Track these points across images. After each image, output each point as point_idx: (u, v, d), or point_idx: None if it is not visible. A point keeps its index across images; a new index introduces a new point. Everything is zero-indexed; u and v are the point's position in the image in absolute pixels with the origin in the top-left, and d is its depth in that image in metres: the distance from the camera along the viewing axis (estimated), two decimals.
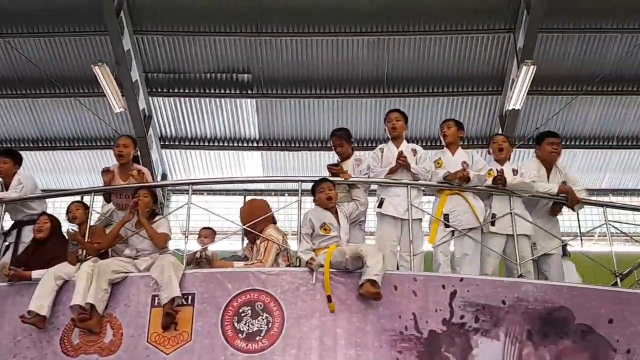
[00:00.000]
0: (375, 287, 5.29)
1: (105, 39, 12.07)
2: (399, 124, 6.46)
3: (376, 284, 5.30)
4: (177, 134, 14.15)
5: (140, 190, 6.04)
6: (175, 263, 5.62)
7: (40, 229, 6.08)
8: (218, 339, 5.34)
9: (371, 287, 5.29)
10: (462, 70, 12.73)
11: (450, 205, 6.16)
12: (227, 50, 12.50)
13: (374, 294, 5.30)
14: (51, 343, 5.53)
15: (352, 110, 13.30)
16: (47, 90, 13.22)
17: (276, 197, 14.88)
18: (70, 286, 5.63)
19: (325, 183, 5.95)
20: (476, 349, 5.32)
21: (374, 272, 5.31)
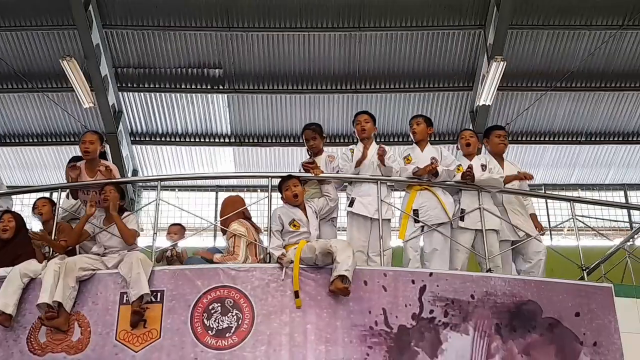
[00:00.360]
0: (344, 283, 5.29)
1: (73, 33, 11.91)
2: (368, 125, 6.49)
3: (346, 279, 5.30)
4: (147, 130, 14.01)
5: (107, 186, 5.98)
6: (144, 260, 5.57)
7: (5, 228, 5.96)
8: (188, 336, 5.30)
9: (340, 283, 5.29)
10: (432, 66, 12.80)
11: (419, 201, 6.20)
12: (198, 45, 12.41)
13: (343, 290, 5.31)
14: (17, 342, 5.44)
15: (323, 106, 13.31)
16: (14, 85, 13.01)
17: (249, 193, 14.84)
18: (37, 284, 5.54)
19: (291, 180, 5.95)
20: (445, 343, 5.37)
21: (344, 267, 5.31)
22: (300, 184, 5.95)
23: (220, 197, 15.00)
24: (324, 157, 6.53)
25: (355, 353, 5.24)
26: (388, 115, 13.33)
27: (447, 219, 6.15)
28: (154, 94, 13.31)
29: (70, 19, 11.61)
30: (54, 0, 11.42)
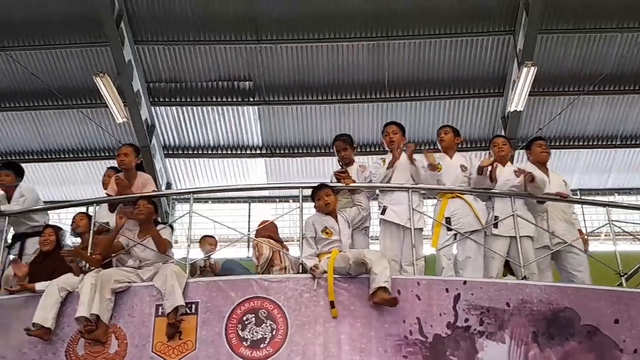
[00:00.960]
0: (388, 294, 5.28)
1: (106, 49, 12.09)
2: (397, 136, 6.50)
3: (387, 291, 5.29)
4: (180, 143, 14.16)
5: (140, 200, 6.06)
6: (178, 272, 5.63)
7: (45, 241, 6.11)
8: (223, 348, 5.35)
9: (385, 294, 5.28)
10: (462, 73, 12.72)
11: (452, 208, 6.18)
12: (228, 58, 12.52)
13: (390, 300, 5.29)
14: (57, 355, 5.54)
15: (353, 116, 13.30)
16: (49, 102, 13.24)
17: (280, 204, 14.91)
18: (74, 297, 5.65)
19: (323, 190, 5.97)
20: (481, 352, 5.32)
21: (382, 279, 5.31)
22: (332, 194, 5.96)
23: (252, 208, 15.11)
24: (355, 167, 6.54)
25: None
26: (418, 124, 13.27)
27: (479, 226, 6.12)
28: (185, 108, 13.44)
29: (102, 36, 11.80)
30: (87, 18, 11.61)
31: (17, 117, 13.53)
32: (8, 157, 13.78)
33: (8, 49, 12.20)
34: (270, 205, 15.20)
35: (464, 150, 6.67)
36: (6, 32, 12.00)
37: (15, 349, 5.65)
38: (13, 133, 13.81)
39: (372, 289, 5.33)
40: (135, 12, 11.85)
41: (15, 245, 6.66)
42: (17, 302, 5.87)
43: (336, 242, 5.79)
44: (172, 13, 11.78)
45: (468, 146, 13.25)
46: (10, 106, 13.30)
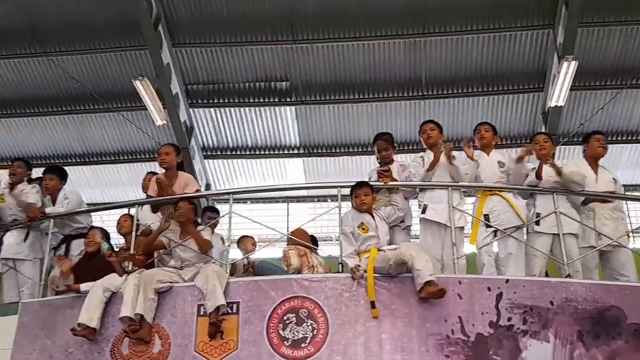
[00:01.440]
0: (435, 286, 5.24)
1: (144, 53, 12.28)
2: (434, 133, 6.46)
3: (434, 283, 5.26)
4: (218, 144, 14.29)
5: (180, 201, 6.12)
6: (219, 272, 5.68)
7: (90, 243, 6.22)
8: (264, 347, 5.37)
9: (432, 288, 5.25)
10: (501, 69, 12.56)
11: (490, 205, 6.12)
12: (264, 58, 12.58)
13: (439, 292, 5.25)
14: (102, 354, 5.63)
15: (390, 114, 13.25)
16: (90, 106, 13.49)
17: (318, 203, 14.93)
18: (118, 298, 5.73)
19: (362, 189, 5.94)
20: (525, 351, 5.24)
21: (427, 273, 5.27)
22: (371, 193, 5.93)
23: (290, 207, 15.16)
24: (395, 167, 6.51)
25: None
26: (456, 121, 13.15)
27: (519, 222, 6.03)
28: (223, 109, 13.57)
29: (141, 40, 11.98)
30: (126, 23, 11.81)
31: (59, 121, 13.82)
32: (51, 161, 14.10)
33: (51, 54, 12.47)
34: (308, 205, 15.24)
35: (503, 147, 6.58)
36: (49, 38, 12.27)
37: (62, 348, 5.77)
38: (56, 137, 14.11)
39: (419, 285, 5.29)
40: (173, 15, 11.99)
41: (61, 247, 6.81)
42: (63, 303, 5.99)
43: (373, 238, 5.74)
44: (208, 15, 11.89)
45: (508, 142, 13.09)
46: (53, 110, 13.61)
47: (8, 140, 14.18)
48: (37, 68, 12.81)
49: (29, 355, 5.84)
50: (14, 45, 12.44)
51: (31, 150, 14.26)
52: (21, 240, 6.78)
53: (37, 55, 12.52)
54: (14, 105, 13.52)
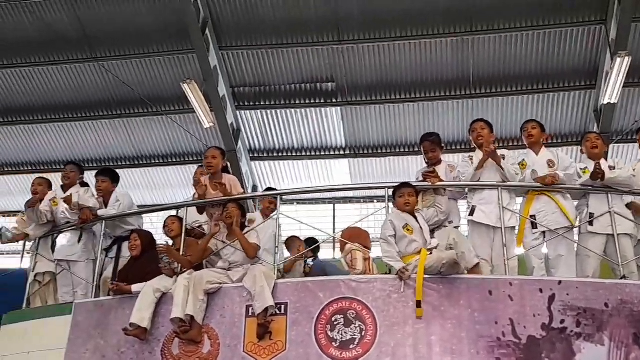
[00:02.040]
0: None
1: (192, 57, 12.43)
2: (485, 132, 6.33)
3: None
4: (265, 146, 14.37)
5: (229, 203, 6.16)
6: (267, 273, 5.70)
7: (132, 246, 6.31)
8: (312, 348, 5.37)
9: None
10: (551, 66, 12.32)
11: (537, 206, 5.99)
12: (310, 60, 12.61)
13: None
14: (153, 354, 5.72)
15: (438, 113, 13.12)
16: (140, 110, 13.74)
17: (365, 204, 14.88)
18: (168, 299, 5.81)
19: (406, 189, 5.88)
20: (579, 354, 5.13)
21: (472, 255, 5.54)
22: (415, 195, 5.87)
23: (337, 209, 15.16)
24: (443, 167, 6.42)
25: None
26: (505, 120, 12.95)
27: (567, 223, 5.89)
28: (269, 111, 13.64)
29: (189, 44, 12.14)
30: (174, 27, 11.98)
31: (110, 125, 14.10)
32: (102, 164, 14.39)
33: (101, 59, 12.74)
34: (354, 206, 15.20)
35: (554, 146, 6.42)
36: (100, 44, 12.55)
37: (115, 348, 5.88)
38: (107, 140, 14.40)
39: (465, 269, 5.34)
40: (220, 18, 12.12)
41: (112, 249, 6.93)
42: (116, 303, 6.11)
43: (416, 241, 5.66)
44: (254, 18, 11.98)
45: (559, 141, 12.84)
46: (104, 115, 13.90)
47: (61, 144, 14.54)
48: (89, 73, 13.12)
49: (83, 354, 5.97)
50: (67, 52, 12.78)
51: (83, 154, 14.57)
52: (74, 242, 6.92)
53: (88, 60, 12.82)
54: (66, 110, 13.86)
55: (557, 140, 12.78)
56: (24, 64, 13.03)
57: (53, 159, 14.84)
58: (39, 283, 7.03)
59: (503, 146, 6.75)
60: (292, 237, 7.46)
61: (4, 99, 13.74)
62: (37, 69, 13.09)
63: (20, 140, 14.56)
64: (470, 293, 5.38)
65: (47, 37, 12.45)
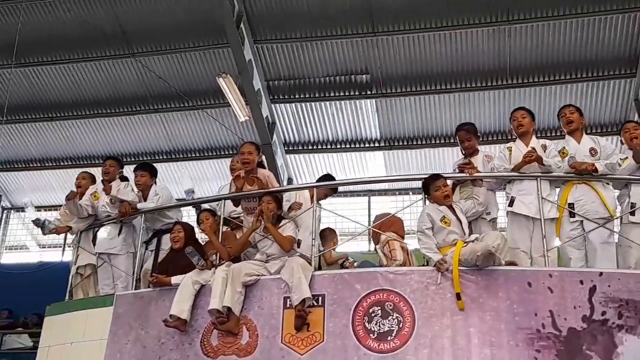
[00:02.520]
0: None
1: (227, 50, 12.49)
2: (525, 121, 6.22)
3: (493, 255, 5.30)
4: (300, 139, 14.39)
5: (264, 196, 6.20)
6: (304, 265, 5.73)
7: (175, 238, 6.39)
8: (350, 340, 5.38)
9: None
10: (590, 55, 12.07)
11: (575, 195, 5.88)
12: (344, 52, 12.57)
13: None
14: (192, 345, 5.80)
15: (474, 104, 12.96)
16: (176, 104, 13.85)
17: (400, 197, 14.82)
18: (207, 290, 5.88)
19: (441, 180, 5.83)
20: (621, 346, 5.05)
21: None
22: (448, 185, 5.83)
23: (372, 201, 15.12)
24: (480, 157, 6.35)
25: (522, 357, 5.07)
26: (543, 110, 12.74)
27: (606, 213, 5.78)
28: (304, 104, 13.64)
29: (223, 38, 12.20)
30: (209, 22, 12.06)
31: (147, 120, 14.26)
32: (139, 158, 14.54)
33: (137, 55, 12.89)
34: (389, 198, 15.15)
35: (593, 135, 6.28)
36: (137, 40, 12.69)
37: (155, 338, 5.98)
38: (144, 135, 14.58)
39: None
40: (254, 12, 12.15)
41: (152, 241, 7.03)
42: (156, 295, 6.21)
43: (455, 233, 5.64)
44: (288, 11, 11.99)
45: (598, 131, 12.60)
46: (140, 109, 14.05)
47: (99, 139, 14.76)
48: (126, 69, 13.29)
49: (124, 345, 6.09)
50: (105, 48, 12.95)
51: (121, 149, 14.77)
52: (115, 236, 7.05)
53: (126, 56, 12.97)
54: (104, 105, 14.07)
55: (595, 130, 12.56)
56: (63, 61, 13.26)
57: (92, 154, 15.09)
58: (81, 276, 7.18)
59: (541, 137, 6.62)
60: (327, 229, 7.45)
61: (44, 95, 14.01)
62: (75, 65, 13.31)
63: (60, 135, 14.83)
64: (508, 285, 5.34)
65: (86, 34, 12.65)
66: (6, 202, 16.63)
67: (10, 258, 16.21)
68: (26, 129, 14.80)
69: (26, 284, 13.69)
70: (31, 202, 15.74)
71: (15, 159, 15.53)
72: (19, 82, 13.69)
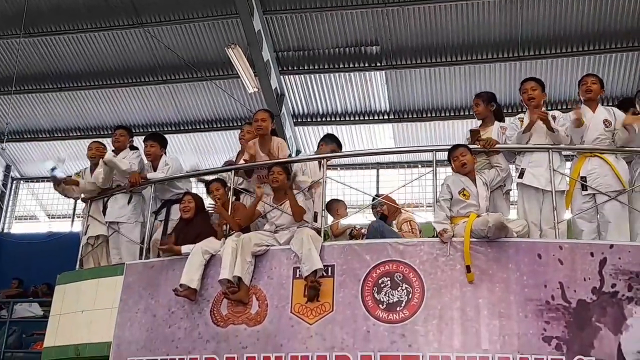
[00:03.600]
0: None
1: (236, 21, 12.39)
2: (536, 93, 6.12)
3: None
4: (308, 111, 14.32)
5: (274, 167, 6.18)
6: (314, 236, 5.73)
7: (185, 208, 6.40)
8: (359, 310, 5.41)
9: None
10: (603, 26, 11.90)
11: (588, 167, 5.81)
12: (355, 23, 12.45)
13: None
14: (202, 314, 5.84)
15: (485, 76, 12.83)
16: (184, 75, 13.79)
17: (409, 169, 14.78)
18: (217, 260, 5.91)
19: (459, 150, 5.81)
20: (630, 318, 5.04)
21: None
22: (468, 153, 5.80)
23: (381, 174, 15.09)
24: (495, 128, 6.28)
25: (532, 328, 5.08)
26: (556, 83, 12.62)
27: (620, 186, 5.71)
28: (313, 76, 13.56)
29: (233, 8, 12.10)
30: None
31: (155, 91, 14.23)
32: (148, 129, 14.55)
33: (146, 25, 12.81)
34: (398, 171, 15.12)
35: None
36: (144, 10, 12.61)
37: (165, 307, 6.02)
38: (152, 106, 14.56)
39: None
40: None
41: (162, 212, 7.05)
42: (165, 264, 6.24)
43: (473, 205, 5.63)
44: None
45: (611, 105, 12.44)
46: (149, 80, 14.02)
47: (108, 110, 14.75)
48: (135, 39, 13.22)
49: (135, 314, 6.13)
50: (113, 18, 12.88)
51: (129, 119, 14.74)
52: (124, 205, 7.07)
53: (134, 26, 12.90)
54: (113, 76, 14.03)
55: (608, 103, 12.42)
56: (72, 31, 13.20)
57: (101, 125, 15.10)
58: (91, 245, 7.21)
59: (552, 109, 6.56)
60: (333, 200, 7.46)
61: (53, 65, 13.99)
62: (84, 35, 13.25)
63: (68, 106, 14.83)
64: (518, 256, 5.34)
65: (94, 3, 12.58)
66: (15, 172, 16.70)
67: (20, 228, 16.33)
68: (35, 99, 14.81)
69: (36, 254, 13.83)
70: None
71: (24, 129, 15.56)
72: (28, 52, 13.67)
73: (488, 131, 6.25)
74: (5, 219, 16.40)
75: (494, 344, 5.08)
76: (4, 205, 16.36)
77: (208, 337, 5.74)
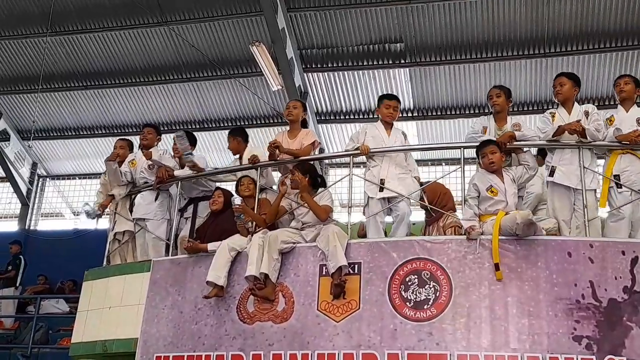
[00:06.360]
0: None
1: (260, 19, 12.41)
2: (565, 88, 6.08)
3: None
4: (332, 109, 14.31)
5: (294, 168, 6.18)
6: (340, 233, 5.70)
7: (215, 201, 6.45)
8: (386, 307, 5.38)
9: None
10: (631, 23, 11.74)
11: (621, 165, 5.75)
12: (379, 20, 12.40)
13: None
14: (229, 311, 5.86)
15: (510, 73, 12.71)
16: (209, 73, 13.85)
17: (433, 167, 14.69)
18: (243, 257, 5.91)
19: (488, 147, 5.77)
20: None
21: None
22: (497, 151, 5.75)
23: None
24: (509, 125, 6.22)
25: (561, 327, 5.01)
26: (583, 80, 12.43)
27: None
28: (337, 73, 13.54)
29: (257, 6, 12.11)
30: None
31: (179, 89, 14.31)
32: (172, 127, 14.63)
33: (171, 23, 12.87)
34: (422, 169, 15.02)
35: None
36: (169, 8, 12.67)
37: (192, 304, 6.04)
38: (177, 104, 14.64)
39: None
40: None
41: (188, 209, 7.08)
42: (192, 261, 6.26)
43: (501, 202, 5.60)
44: None
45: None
46: (174, 78, 14.09)
47: (133, 108, 14.87)
48: (160, 38, 13.31)
49: (162, 310, 6.16)
50: (138, 16, 12.98)
51: (154, 117, 14.84)
52: (151, 201, 7.11)
53: (159, 24, 12.98)
54: (138, 74, 14.14)
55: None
56: (97, 29, 13.32)
57: (126, 123, 15.23)
58: (119, 242, 7.27)
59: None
60: None
61: (79, 63, 14.12)
62: (109, 33, 13.36)
63: (94, 104, 14.96)
64: (548, 254, 5.27)
65: (119, 2, 12.69)
66: (42, 170, 16.89)
67: (46, 225, 16.52)
68: (61, 97, 14.97)
69: (62, 251, 13.98)
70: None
71: (50, 127, 15.75)
72: (54, 50, 13.82)
73: (503, 128, 6.18)
74: (31, 216, 16.60)
75: (523, 343, 5.02)
76: (30, 203, 16.56)
77: (234, 334, 5.75)
